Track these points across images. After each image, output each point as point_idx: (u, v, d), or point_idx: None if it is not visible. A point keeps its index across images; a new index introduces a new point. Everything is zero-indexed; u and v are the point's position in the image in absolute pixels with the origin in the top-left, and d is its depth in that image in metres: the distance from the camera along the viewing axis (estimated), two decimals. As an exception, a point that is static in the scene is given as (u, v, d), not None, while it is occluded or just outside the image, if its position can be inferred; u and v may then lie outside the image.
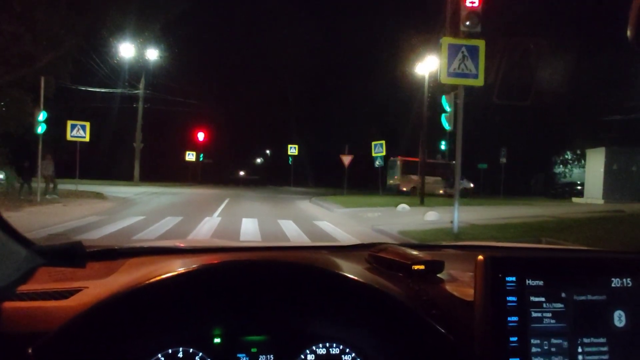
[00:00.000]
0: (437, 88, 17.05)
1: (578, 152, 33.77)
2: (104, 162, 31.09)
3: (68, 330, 0.69)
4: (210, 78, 45.07)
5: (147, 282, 0.74)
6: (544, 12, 23.09)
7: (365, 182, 27.02)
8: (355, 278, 0.83)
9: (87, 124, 15.93)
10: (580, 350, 0.83)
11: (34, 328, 0.77)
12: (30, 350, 0.66)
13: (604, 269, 0.87)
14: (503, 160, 25.67)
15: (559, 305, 0.83)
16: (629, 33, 0.61)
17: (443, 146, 28.28)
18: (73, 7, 16.94)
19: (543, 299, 0.82)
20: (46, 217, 9.84)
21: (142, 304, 0.75)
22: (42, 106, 13.36)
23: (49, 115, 13.91)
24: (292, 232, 9.06)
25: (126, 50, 26.88)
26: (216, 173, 44.12)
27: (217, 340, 0.89)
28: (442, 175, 24.86)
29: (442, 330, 0.82)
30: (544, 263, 0.85)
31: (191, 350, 0.88)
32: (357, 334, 0.92)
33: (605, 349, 0.84)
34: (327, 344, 0.93)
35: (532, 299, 0.82)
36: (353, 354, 0.93)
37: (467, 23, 8.00)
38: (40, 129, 13.37)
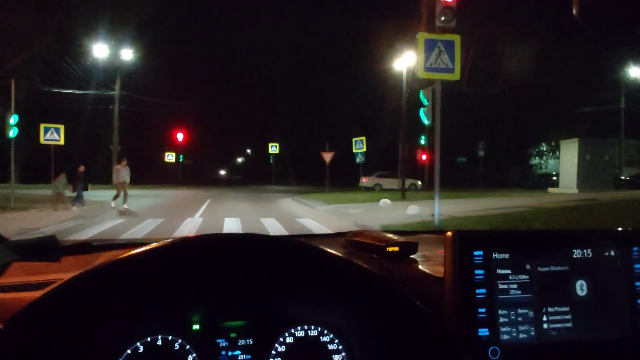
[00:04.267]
0: (416, 83, 17.23)
1: (553, 143, 34.68)
2: (79, 166, 30.32)
3: (39, 305, 0.69)
4: (188, 77, 44.41)
5: (119, 257, 0.74)
6: (515, 5, 23.57)
7: (347, 179, 27.13)
8: (331, 252, 0.84)
9: (62, 127, 15.50)
10: (545, 319, 0.87)
11: (6, 318, 0.76)
12: (0, 326, 0.65)
13: (565, 241, 0.91)
14: (481, 153, 26.13)
15: (524, 276, 0.87)
16: (574, 9, 0.64)
17: (423, 141, 28.60)
18: (42, 7, 16.47)
19: (509, 272, 0.86)
20: (21, 223, 9.56)
21: (114, 279, 0.75)
22: (12, 109, 12.96)
23: (21, 118, 13.50)
24: (275, 230, 9.05)
25: (100, 50, 26.24)
26: (197, 174, 43.62)
27: (195, 326, 0.89)
28: None
29: (418, 303, 0.84)
30: (509, 237, 0.89)
31: (170, 337, 0.88)
32: (335, 314, 0.93)
33: (568, 317, 0.88)
34: (306, 326, 0.95)
35: (499, 271, 0.85)
36: (331, 335, 0.95)
37: (443, 18, 8.12)
38: (12, 133, 12.98)
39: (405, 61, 19.36)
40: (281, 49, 43.21)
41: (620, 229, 0.97)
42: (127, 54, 28.92)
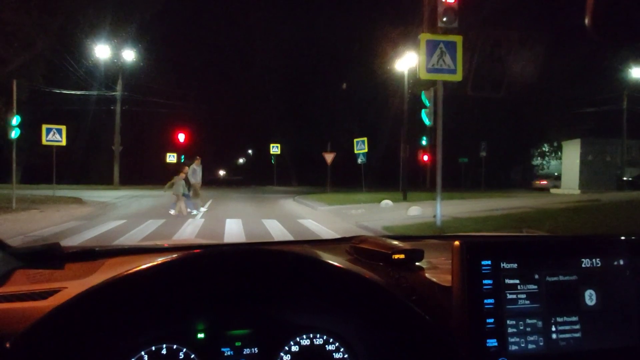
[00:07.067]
0: (417, 84, 17.21)
1: (555, 144, 34.59)
2: (81, 167, 30.40)
3: (46, 322, 0.68)
4: (189, 78, 44.38)
5: (125, 273, 0.73)
6: (518, 7, 23.53)
7: (348, 179, 27.11)
8: (336, 264, 0.84)
9: (63, 128, 15.51)
10: (554, 329, 0.86)
11: (11, 329, 0.76)
12: (7, 345, 0.65)
13: (574, 251, 0.90)
14: (483, 153, 26.11)
15: (533, 286, 0.86)
16: (586, 22, 0.63)
17: (424, 142, 28.56)
18: (44, 8, 16.49)
19: (517, 281, 0.85)
20: (23, 224, 9.57)
21: (121, 295, 0.74)
22: (15, 110, 12.98)
23: (23, 119, 13.52)
24: (277, 231, 9.03)
25: (101, 51, 26.26)
26: (198, 174, 43.44)
27: (200, 335, 0.89)
28: None
29: (424, 315, 0.83)
30: (517, 246, 0.88)
31: (175, 346, 0.87)
32: (340, 323, 0.93)
33: (577, 327, 0.87)
34: (311, 335, 0.94)
35: (507, 281, 0.85)
36: (337, 344, 0.95)
37: (445, 19, 8.11)
38: (14, 134, 13.00)
39: (407, 62, 19.33)
40: (283, 50, 43.15)
41: (623, 237, 0.96)
42: (129, 55, 28.95)
